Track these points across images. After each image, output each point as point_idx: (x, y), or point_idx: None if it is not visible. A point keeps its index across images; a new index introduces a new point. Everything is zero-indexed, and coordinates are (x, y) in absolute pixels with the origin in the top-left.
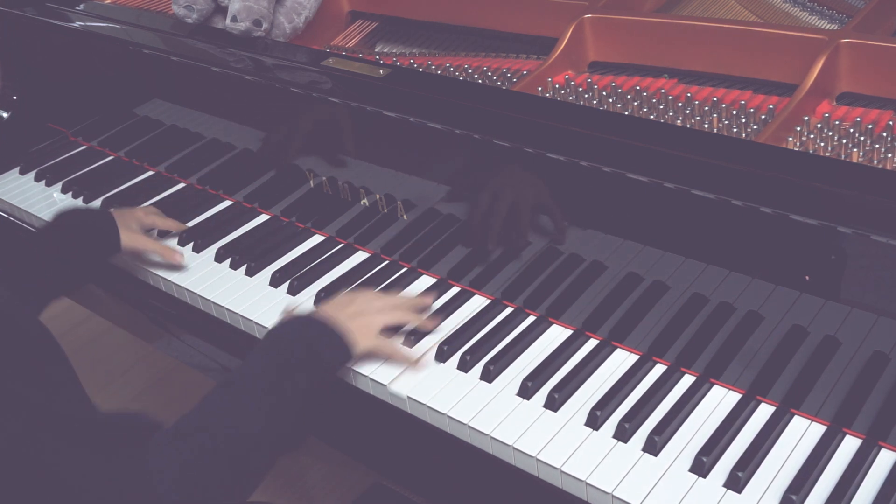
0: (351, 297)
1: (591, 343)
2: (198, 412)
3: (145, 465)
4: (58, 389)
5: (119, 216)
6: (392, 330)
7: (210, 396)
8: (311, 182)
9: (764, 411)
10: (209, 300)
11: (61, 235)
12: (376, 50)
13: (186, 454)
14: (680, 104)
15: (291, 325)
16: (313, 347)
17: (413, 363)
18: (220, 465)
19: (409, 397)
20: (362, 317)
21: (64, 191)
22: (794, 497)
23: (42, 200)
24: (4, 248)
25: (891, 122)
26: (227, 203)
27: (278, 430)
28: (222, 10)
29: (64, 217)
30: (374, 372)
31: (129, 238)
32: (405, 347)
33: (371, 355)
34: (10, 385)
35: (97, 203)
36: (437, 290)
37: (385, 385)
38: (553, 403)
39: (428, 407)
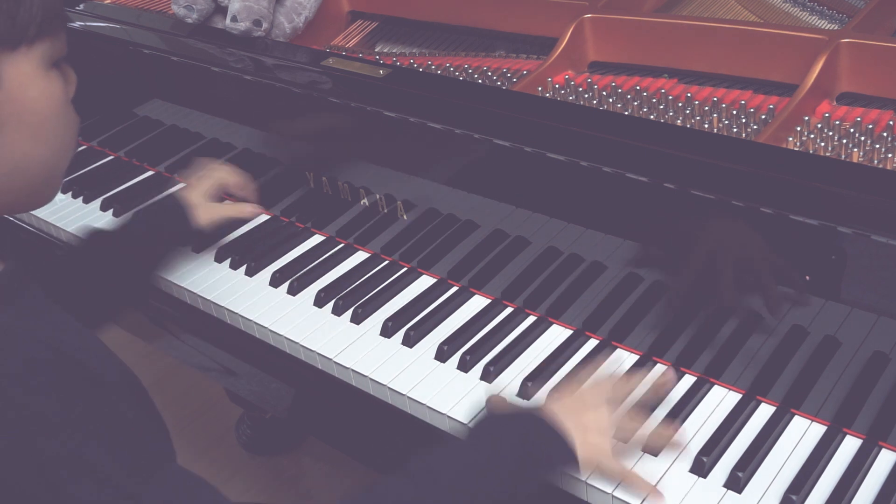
0: (585, 400)
1: (592, 343)
2: (364, 498)
3: None
4: (154, 472)
5: (187, 194)
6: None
7: (379, 485)
8: (311, 182)
9: (764, 411)
10: (209, 300)
11: (134, 237)
12: (376, 50)
13: None
14: (680, 104)
15: (508, 423)
16: (538, 465)
17: (654, 492)
18: None
19: (409, 397)
20: (597, 435)
21: (64, 191)
22: (794, 497)
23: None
24: (76, 257)
25: (891, 122)
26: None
27: None
28: (222, 10)
29: (134, 218)
30: (373, 372)
31: (206, 214)
32: (641, 476)
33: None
34: (96, 462)
35: (97, 202)
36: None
37: (384, 385)
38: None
39: (428, 407)
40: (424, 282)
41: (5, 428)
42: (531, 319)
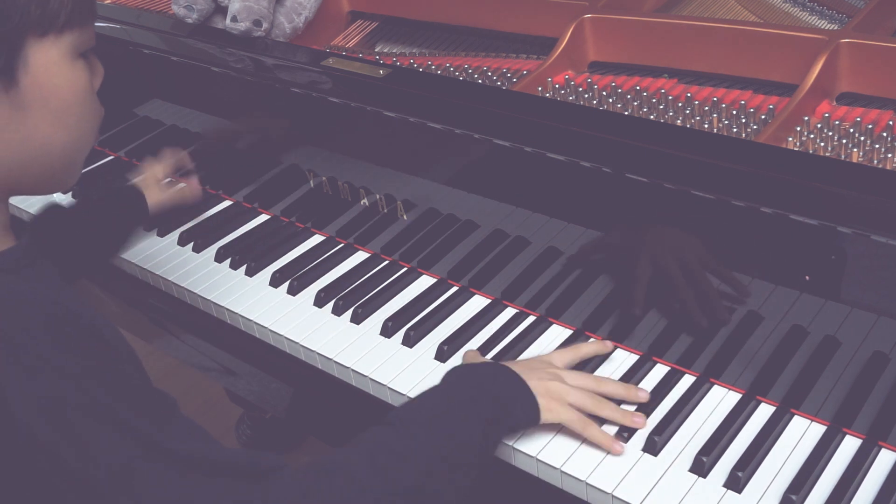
0: (549, 361)
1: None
2: (343, 451)
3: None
4: (168, 420)
5: (140, 184)
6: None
7: (362, 435)
8: (311, 182)
9: (764, 411)
10: (209, 300)
11: (94, 210)
12: (376, 50)
13: (315, 497)
14: (680, 104)
15: (478, 368)
16: (503, 397)
17: (610, 443)
18: None
19: (409, 397)
20: (556, 383)
21: (63, 191)
22: (794, 497)
23: (42, 201)
24: (41, 219)
25: (891, 122)
26: (227, 203)
27: (434, 486)
28: (222, 10)
29: (94, 192)
30: (373, 372)
31: (154, 199)
32: (600, 429)
33: (555, 429)
34: (117, 411)
35: None
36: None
37: (385, 384)
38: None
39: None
40: (424, 282)
41: (32, 379)
42: (531, 319)
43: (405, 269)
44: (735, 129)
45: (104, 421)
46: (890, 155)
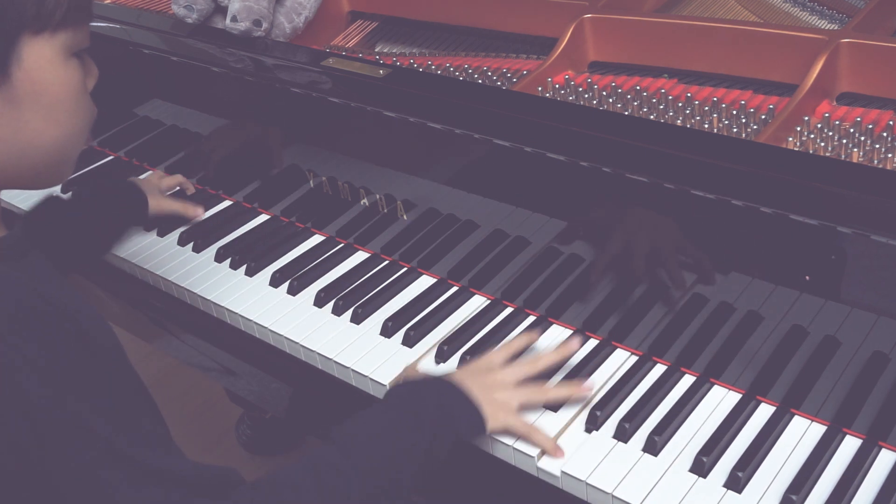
0: (488, 366)
1: (591, 343)
2: (290, 468)
3: None
4: (132, 425)
5: (142, 184)
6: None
7: (308, 453)
8: (311, 182)
9: (764, 411)
10: (209, 300)
11: (95, 203)
12: (376, 50)
13: None
14: (680, 104)
15: (419, 382)
16: (445, 409)
17: (553, 448)
18: None
19: None
20: (501, 391)
21: (63, 191)
22: (794, 497)
23: (40, 195)
24: (37, 210)
25: (891, 122)
26: (227, 203)
27: (377, 501)
28: (222, 10)
29: (95, 186)
30: (373, 372)
31: (155, 203)
32: (544, 433)
33: (503, 433)
34: (80, 412)
35: None
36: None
37: (385, 385)
38: (553, 405)
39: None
40: (424, 282)
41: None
42: (531, 319)
43: (405, 269)
44: (735, 129)
45: (66, 424)
46: (890, 155)
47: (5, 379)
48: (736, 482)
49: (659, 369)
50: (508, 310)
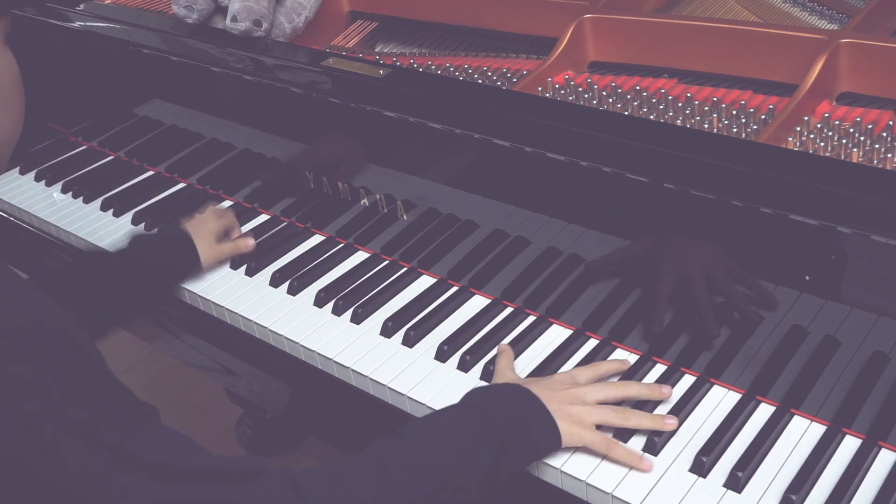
0: (572, 380)
1: (592, 343)
2: (352, 458)
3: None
4: (139, 429)
5: (193, 230)
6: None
7: (372, 445)
8: (311, 182)
9: (764, 411)
10: (209, 300)
11: (141, 265)
12: (376, 50)
13: (316, 498)
14: (680, 104)
15: (497, 389)
16: (521, 421)
17: (639, 461)
18: None
19: (409, 397)
20: (580, 405)
21: (64, 191)
22: (794, 497)
23: (42, 200)
24: (79, 273)
25: (891, 122)
26: (227, 203)
27: (437, 502)
28: (222, 10)
29: (142, 245)
30: (373, 372)
31: (210, 253)
32: (626, 447)
33: (582, 451)
34: (71, 412)
35: (97, 203)
36: (668, 379)
37: (385, 384)
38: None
39: (427, 407)
40: (424, 282)
41: None
42: (531, 319)
43: (405, 269)
44: (735, 129)
45: (63, 428)
46: (890, 155)
47: (7, 404)
48: (736, 482)
49: (659, 369)
50: (508, 310)
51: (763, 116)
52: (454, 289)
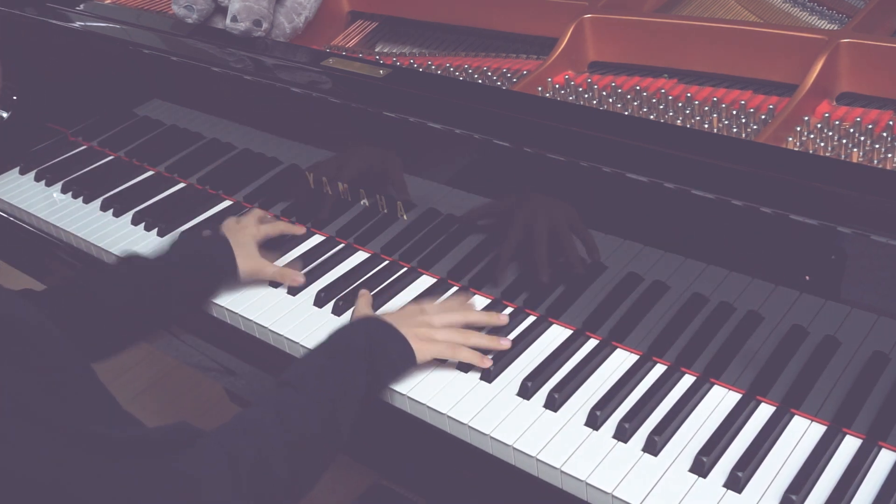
0: (420, 310)
1: (591, 343)
2: (253, 411)
3: (194, 473)
4: (87, 406)
5: (232, 235)
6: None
7: (267, 397)
8: (311, 182)
9: (764, 411)
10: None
11: (177, 270)
12: (376, 50)
13: (240, 457)
14: (680, 104)
15: (354, 324)
16: (379, 343)
17: (480, 359)
18: (275, 467)
19: (409, 397)
20: (424, 328)
21: (64, 191)
22: (794, 497)
23: (42, 200)
24: (116, 280)
25: (891, 122)
26: (226, 203)
27: (337, 428)
28: (222, 10)
29: (179, 249)
30: None
31: (248, 264)
32: (470, 350)
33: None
34: (30, 403)
35: (97, 202)
36: (503, 311)
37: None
38: (553, 403)
39: (428, 407)
40: (424, 282)
41: None
42: (531, 319)
43: (405, 269)
44: (735, 129)
45: (30, 420)
46: (890, 155)
47: None
48: (736, 482)
49: (659, 369)
50: (508, 310)
51: (763, 116)
52: (454, 289)
